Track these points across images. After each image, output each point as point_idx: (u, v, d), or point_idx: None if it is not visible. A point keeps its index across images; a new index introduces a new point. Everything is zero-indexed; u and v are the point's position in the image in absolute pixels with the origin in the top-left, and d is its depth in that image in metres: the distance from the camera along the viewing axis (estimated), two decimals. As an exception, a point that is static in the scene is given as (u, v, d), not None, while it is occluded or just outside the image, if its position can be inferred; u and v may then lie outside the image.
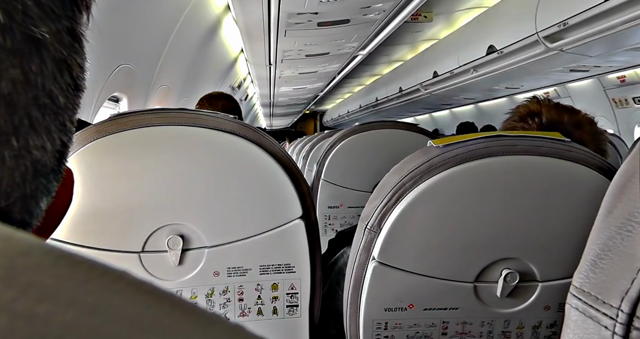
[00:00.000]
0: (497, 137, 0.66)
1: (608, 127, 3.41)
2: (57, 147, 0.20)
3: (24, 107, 0.18)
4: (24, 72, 0.17)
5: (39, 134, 0.19)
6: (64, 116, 0.20)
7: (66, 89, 0.20)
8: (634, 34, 1.96)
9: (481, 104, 5.59)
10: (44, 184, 0.20)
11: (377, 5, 2.10)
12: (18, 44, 0.17)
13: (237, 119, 1.52)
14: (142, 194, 0.73)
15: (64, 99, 0.20)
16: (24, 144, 0.18)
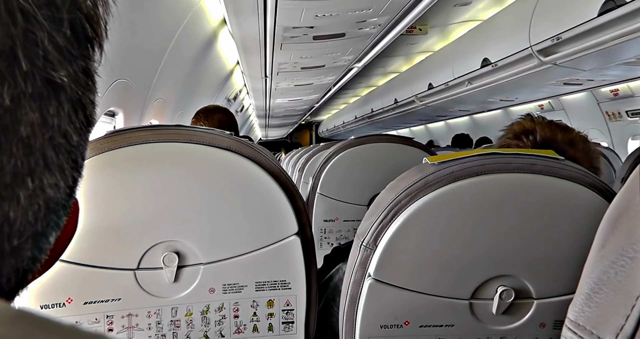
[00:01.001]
0: (492, 155, 0.67)
1: (602, 140, 3.44)
2: (69, 183, 0.20)
3: (40, 148, 0.18)
4: (42, 116, 0.18)
5: (53, 173, 0.19)
6: (77, 153, 0.21)
7: (80, 127, 0.21)
8: (626, 49, 1.98)
9: (476, 116, 5.63)
10: (54, 220, 0.20)
11: (373, 20, 2.12)
12: (38, 89, 0.18)
13: (233, 133, 1.52)
14: (138, 211, 0.73)
15: (77, 138, 0.20)
16: (38, 184, 0.18)
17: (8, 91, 0.16)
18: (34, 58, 0.17)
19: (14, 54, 0.17)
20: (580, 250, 0.66)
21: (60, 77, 0.18)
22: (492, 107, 4.70)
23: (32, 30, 0.17)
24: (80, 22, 0.20)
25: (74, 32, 0.19)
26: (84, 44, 0.20)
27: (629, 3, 1.63)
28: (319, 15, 1.95)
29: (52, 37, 0.18)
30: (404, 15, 2.12)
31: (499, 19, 3.03)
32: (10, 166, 0.17)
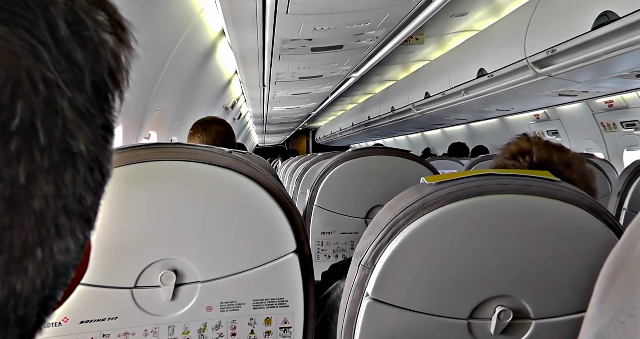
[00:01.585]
0: (489, 176, 0.67)
1: (597, 150, 3.46)
2: (80, 243, 0.20)
3: (52, 217, 0.18)
4: (57, 186, 0.18)
5: (64, 238, 0.19)
6: (91, 213, 0.20)
7: (95, 186, 0.20)
8: (620, 63, 2.00)
9: (473, 124, 5.65)
10: (63, 281, 0.20)
11: (370, 32, 2.14)
12: (55, 161, 0.17)
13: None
14: (136, 230, 0.73)
15: (92, 198, 0.20)
16: (48, 252, 0.18)
17: (24, 168, 0.16)
18: (53, 129, 0.17)
19: (33, 127, 0.16)
20: (577, 271, 0.66)
21: (78, 145, 0.18)
22: (488, 116, 4.73)
23: (54, 97, 0.17)
24: (102, 78, 0.20)
25: (95, 90, 0.19)
26: (104, 100, 0.20)
27: (621, 18, 1.65)
28: (317, 28, 1.97)
29: (73, 102, 0.18)
30: (401, 28, 2.14)
31: (495, 30, 3.06)
32: (21, 240, 0.16)
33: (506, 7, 2.99)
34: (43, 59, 0.17)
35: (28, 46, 0.16)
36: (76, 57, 0.18)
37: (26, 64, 0.16)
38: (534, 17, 2.42)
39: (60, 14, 0.17)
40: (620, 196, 1.32)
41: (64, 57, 0.17)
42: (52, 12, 0.17)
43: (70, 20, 0.18)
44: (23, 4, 0.16)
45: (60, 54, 0.17)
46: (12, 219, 0.16)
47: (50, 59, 0.17)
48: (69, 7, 0.18)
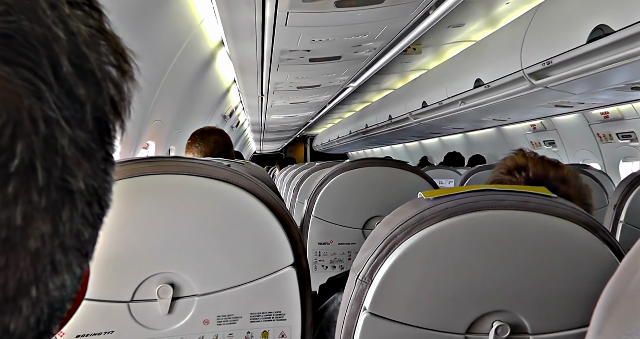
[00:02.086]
0: (486, 192, 0.68)
1: (593, 161, 3.47)
2: (77, 276, 0.20)
3: (48, 255, 0.17)
4: (54, 225, 0.17)
5: (60, 274, 0.18)
6: (88, 247, 0.20)
7: (93, 220, 0.20)
8: (615, 75, 2.02)
9: (470, 134, 5.68)
10: (59, 316, 0.19)
11: (368, 44, 2.16)
12: (53, 200, 0.17)
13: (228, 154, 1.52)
14: (133, 243, 0.73)
15: (89, 232, 0.20)
16: (43, 290, 0.17)
17: (21, 209, 0.16)
18: (52, 168, 0.17)
19: (32, 167, 0.16)
20: (574, 287, 0.67)
21: (77, 182, 0.18)
22: (485, 126, 4.75)
23: (54, 136, 0.17)
24: (103, 111, 0.19)
25: (97, 124, 0.19)
26: (106, 132, 0.20)
27: (616, 32, 1.67)
28: (316, 40, 1.98)
29: (74, 139, 0.18)
30: (399, 39, 2.16)
31: (492, 41, 3.08)
32: (15, 280, 0.16)
33: (503, 18, 3.02)
34: (45, 97, 0.16)
35: (30, 86, 0.16)
36: (78, 93, 0.18)
37: (28, 104, 0.16)
38: (530, 29, 2.44)
39: (63, 50, 0.17)
40: (616, 208, 1.33)
41: (66, 94, 0.17)
42: (55, 50, 0.17)
43: (72, 56, 0.18)
44: (26, 43, 0.16)
45: (62, 91, 0.17)
46: (7, 259, 0.16)
47: (52, 97, 0.17)
48: (71, 43, 0.18)
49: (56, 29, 0.17)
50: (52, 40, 0.17)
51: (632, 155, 3.09)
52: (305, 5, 1.56)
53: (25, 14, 0.16)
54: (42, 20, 0.17)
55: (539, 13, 2.42)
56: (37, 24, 0.17)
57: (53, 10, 0.17)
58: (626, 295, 0.21)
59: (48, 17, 0.17)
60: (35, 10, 0.17)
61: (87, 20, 0.19)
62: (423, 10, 1.78)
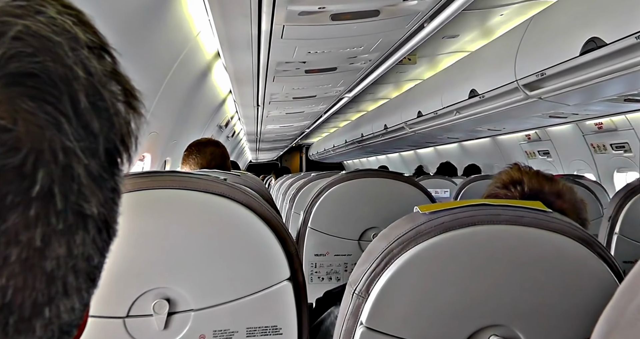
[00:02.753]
0: (482, 206, 0.68)
1: (588, 171, 3.50)
2: (84, 302, 0.21)
3: (62, 277, 0.19)
4: (68, 248, 0.19)
5: (70, 297, 0.20)
6: (96, 272, 0.22)
7: (102, 246, 0.21)
8: (609, 87, 2.04)
9: (465, 143, 5.70)
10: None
11: (364, 56, 2.17)
12: (69, 224, 0.19)
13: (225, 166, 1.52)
14: (130, 259, 0.72)
15: (98, 257, 0.21)
16: (55, 312, 0.19)
17: (40, 231, 0.17)
18: (69, 194, 0.18)
19: (51, 193, 0.18)
20: (569, 301, 0.67)
21: (91, 207, 0.19)
22: (480, 136, 4.78)
23: (71, 165, 0.18)
24: (114, 144, 0.21)
25: (108, 156, 0.21)
26: (115, 164, 0.22)
27: (608, 45, 1.70)
28: (311, 52, 2.00)
29: (88, 168, 0.19)
30: (394, 51, 2.18)
31: (486, 51, 3.11)
32: (31, 300, 0.17)
33: (497, 30, 3.05)
34: (64, 130, 0.18)
35: (52, 119, 0.18)
36: (93, 127, 0.20)
37: (49, 136, 0.18)
38: (524, 41, 2.47)
39: (82, 88, 0.19)
40: (611, 220, 1.33)
41: (83, 127, 0.19)
42: (75, 87, 0.19)
43: (89, 94, 0.20)
44: (50, 81, 0.18)
45: (80, 124, 0.19)
46: (25, 280, 0.17)
47: (70, 130, 0.18)
48: (89, 82, 0.20)
49: (76, 69, 0.19)
50: (72, 79, 0.19)
51: (626, 165, 3.11)
52: (301, 18, 1.58)
53: (50, 56, 0.18)
54: (64, 61, 0.19)
55: (533, 25, 2.45)
56: (60, 64, 0.18)
57: (74, 52, 0.19)
58: (622, 324, 0.21)
59: (69, 58, 0.19)
60: (58, 52, 0.19)
61: (102, 62, 0.21)
62: (418, 23, 1.81)
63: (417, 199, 1.49)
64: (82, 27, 0.21)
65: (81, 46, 0.20)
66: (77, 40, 0.20)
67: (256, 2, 1.47)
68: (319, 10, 1.53)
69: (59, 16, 0.19)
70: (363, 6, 1.54)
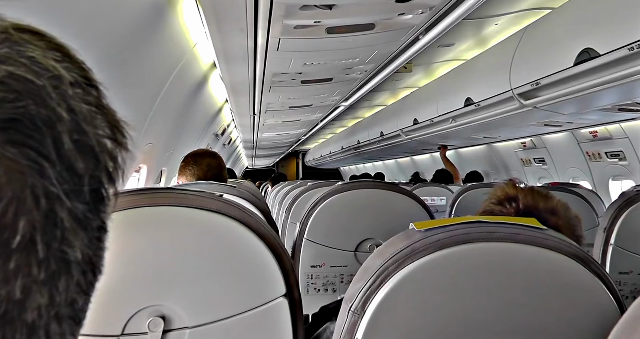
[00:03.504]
0: (477, 224, 0.68)
1: (583, 179, 3.51)
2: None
3: (44, 326, 0.18)
4: (51, 297, 0.18)
5: None
6: (81, 314, 0.21)
7: (87, 288, 0.21)
8: (603, 97, 2.06)
9: (461, 150, 5.72)
10: None
11: (359, 67, 2.19)
12: (51, 272, 0.18)
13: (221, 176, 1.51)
14: (125, 276, 0.72)
15: (83, 300, 0.20)
16: None
17: (20, 283, 0.17)
18: (51, 241, 0.18)
19: (32, 242, 0.17)
20: (564, 319, 0.67)
21: (74, 252, 0.19)
22: (476, 143, 4.80)
23: (54, 210, 0.18)
24: (100, 182, 0.20)
25: (93, 195, 0.20)
26: (101, 202, 0.21)
27: (602, 56, 1.71)
28: (307, 63, 2.01)
29: (72, 211, 0.19)
30: (390, 62, 2.19)
31: (481, 60, 3.13)
32: None
33: (491, 39, 3.07)
34: (47, 174, 0.18)
35: (34, 164, 0.17)
36: (77, 167, 0.19)
37: (31, 182, 0.17)
38: (519, 50, 2.49)
39: (65, 129, 0.19)
40: (606, 231, 1.34)
41: (66, 168, 0.18)
42: (58, 129, 0.18)
43: (74, 133, 0.19)
44: (32, 125, 0.17)
45: (63, 166, 0.18)
46: (4, 334, 0.16)
47: (53, 174, 0.18)
48: (73, 121, 0.19)
49: (60, 110, 0.19)
50: (55, 120, 0.18)
51: (621, 174, 3.13)
52: (297, 31, 1.58)
53: (33, 99, 0.18)
54: (47, 103, 0.18)
55: (527, 34, 2.47)
56: (42, 107, 0.18)
57: (57, 92, 0.19)
58: None
59: (53, 100, 0.18)
60: (41, 94, 0.18)
61: (87, 97, 0.21)
62: (413, 35, 1.82)
63: (413, 210, 1.49)
64: (67, 64, 0.20)
65: (65, 85, 0.19)
66: (61, 79, 0.19)
67: (252, 16, 1.49)
68: (315, 24, 1.54)
69: (43, 56, 0.19)
70: (358, 20, 1.55)
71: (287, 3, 1.39)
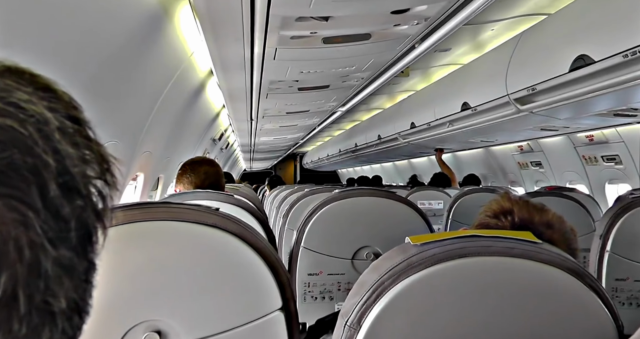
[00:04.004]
0: (473, 238, 0.69)
1: (580, 182, 3.52)
2: None
3: None
4: None
5: None
6: None
7: (73, 332, 0.20)
8: (598, 103, 2.07)
9: (458, 153, 5.73)
10: None
11: (356, 74, 2.19)
12: (34, 325, 0.17)
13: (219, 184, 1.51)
14: (120, 291, 0.72)
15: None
16: None
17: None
18: (34, 294, 0.17)
19: (14, 297, 0.16)
20: (560, 334, 0.67)
21: (59, 303, 0.18)
22: (473, 146, 4.81)
23: (38, 260, 0.17)
24: (87, 224, 0.20)
25: (80, 238, 0.19)
26: (89, 243, 0.20)
27: (596, 63, 1.72)
28: (304, 72, 2.01)
29: (57, 260, 0.18)
30: (386, 70, 2.20)
31: (478, 65, 3.14)
32: None
33: (488, 44, 3.08)
34: (31, 224, 0.17)
35: (19, 216, 0.17)
36: (64, 213, 0.18)
37: (15, 234, 0.17)
38: (515, 56, 2.49)
39: (51, 176, 0.18)
40: (602, 238, 1.34)
41: (53, 215, 0.18)
42: (44, 176, 0.18)
43: (60, 179, 0.18)
44: (17, 175, 0.17)
45: (49, 213, 0.18)
46: None
47: (38, 223, 0.17)
48: (60, 165, 0.19)
49: (46, 157, 0.18)
50: (41, 167, 0.18)
51: (618, 177, 3.13)
52: (293, 41, 1.59)
53: (18, 148, 0.17)
54: (33, 150, 0.18)
55: (523, 40, 2.48)
56: (28, 155, 0.17)
57: (44, 139, 0.18)
58: None
59: (39, 147, 0.18)
60: (27, 142, 0.18)
61: (74, 138, 0.20)
62: (409, 45, 1.83)
63: (410, 217, 1.49)
64: (54, 104, 0.20)
65: (51, 129, 0.19)
66: (48, 123, 0.19)
67: (249, 27, 1.49)
68: (311, 34, 1.54)
69: (29, 100, 0.19)
70: (354, 30, 1.56)
71: (283, 15, 1.40)
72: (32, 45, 1.09)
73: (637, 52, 1.56)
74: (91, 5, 1.23)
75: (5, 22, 0.96)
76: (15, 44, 1.03)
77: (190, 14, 1.66)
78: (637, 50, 1.56)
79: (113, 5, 1.32)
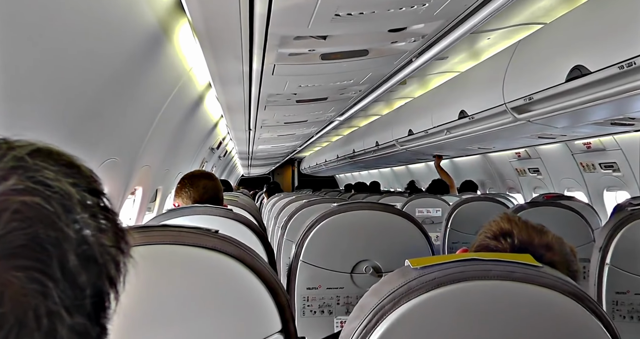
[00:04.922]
0: (472, 261, 0.68)
1: (578, 189, 3.52)
2: None
3: None
4: None
5: None
6: None
7: None
8: (595, 112, 2.07)
9: (456, 160, 5.74)
10: None
11: (354, 87, 2.19)
12: None
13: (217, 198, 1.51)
14: (118, 316, 0.71)
15: None
16: None
17: None
18: None
19: None
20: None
21: None
22: (471, 153, 4.81)
23: (55, 328, 0.18)
24: (101, 291, 0.21)
25: (94, 305, 0.21)
26: (102, 309, 0.22)
27: (593, 73, 1.73)
28: (302, 86, 2.01)
29: (72, 327, 0.19)
30: (384, 82, 2.20)
31: (475, 73, 3.14)
32: None
33: (484, 52, 3.09)
34: (50, 295, 0.18)
35: (39, 286, 0.18)
36: (81, 281, 0.20)
37: (34, 303, 0.18)
38: (512, 64, 2.50)
39: (71, 247, 0.20)
40: (602, 251, 1.34)
41: (70, 285, 0.19)
42: (65, 248, 0.19)
43: (79, 249, 0.20)
44: (40, 248, 0.18)
45: (67, 283, 0.19)
46: None
47: (56, 292, 0.19)
48: (79, 237, 0.20)
49: (67, 230, 0.20)
50: (62, 240, 0.19)
51: (616, 185, 3.14)
52: (292, 58, 1.59)
53: (43, 223, 0.19)
54: (56, 225, 0.19)
55: (520, 49, 2.48)
56: (52, 230, 0.19)
57: (67, 214, 0.20)
58: None
59: (62, 221, 0.20)
60: (51, 218, 0.19)
61: (93, 209, 0.22)
62: (406, 60, 1.83)
63: (408, 230, 1.49)
64: (76, 179, 0.22)
65: (74, 204, 0.21)
66: (71, 199, 0.20)
67: (247, 45, 1.50)
68: (309, 52, 1.55)
69: (54, 177, 0.20)
70: (352, 47, 1.56)
71: (282, 35, 1.40)
72: (36, 69, 1.09)
73: (632, 64, 1.56)
74: (94, 28, 1.24)
75: (10, 47, 0.97)
76: (21, 68, 1.03)
77: (190, 31, 1.67)
78: (632, 62, 1.56)
79: (114, 27, 1.33)
